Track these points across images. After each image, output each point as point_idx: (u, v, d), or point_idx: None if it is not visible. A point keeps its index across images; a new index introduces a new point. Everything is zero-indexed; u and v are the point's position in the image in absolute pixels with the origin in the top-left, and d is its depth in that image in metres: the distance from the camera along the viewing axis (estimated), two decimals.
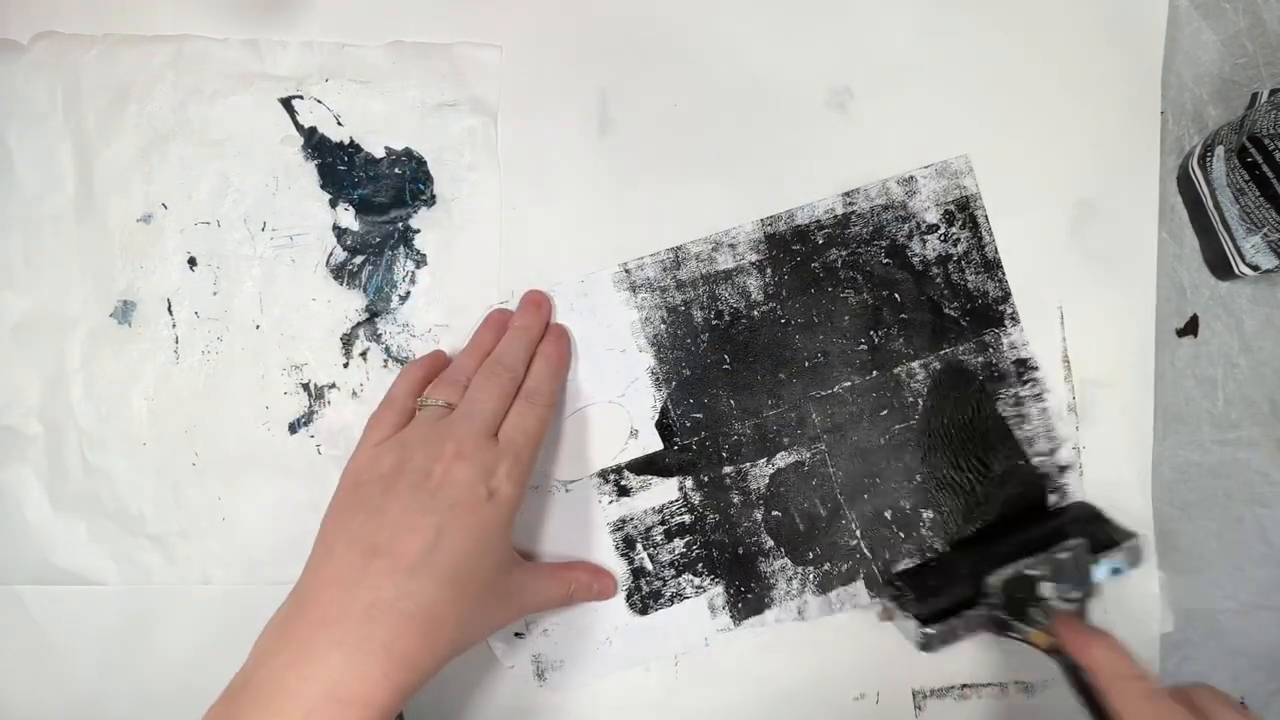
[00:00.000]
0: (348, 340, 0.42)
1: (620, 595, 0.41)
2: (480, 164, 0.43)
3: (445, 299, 0.42)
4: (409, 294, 0.43)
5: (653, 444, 0.42)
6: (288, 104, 0.43)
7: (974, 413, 0.42)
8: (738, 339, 0.42)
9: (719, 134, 0.43)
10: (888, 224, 0.42)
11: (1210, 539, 0.42)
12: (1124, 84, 0.43)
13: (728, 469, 0.42)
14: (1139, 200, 0.43)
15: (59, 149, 0.42)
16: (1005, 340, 0.42)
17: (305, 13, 0.43)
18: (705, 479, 0.42)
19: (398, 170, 0.43)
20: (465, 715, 0.42)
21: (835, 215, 0.42)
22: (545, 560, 0.42)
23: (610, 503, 0.42)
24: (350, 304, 0.42)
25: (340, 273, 0.42)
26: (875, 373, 0.42)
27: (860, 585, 0.42)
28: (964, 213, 0.42)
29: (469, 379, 0.38)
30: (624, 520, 0.41)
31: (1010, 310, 0.42)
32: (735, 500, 0.42)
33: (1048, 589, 0.37)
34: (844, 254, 0.42)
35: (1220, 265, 0.41)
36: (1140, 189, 0.43)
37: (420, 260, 0.43)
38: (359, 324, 0.42)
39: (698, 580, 0.41)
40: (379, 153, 0.43)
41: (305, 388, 0.42)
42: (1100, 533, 0.40)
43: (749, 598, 0.41)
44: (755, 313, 0.42)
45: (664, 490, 0.42)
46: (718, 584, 0.41)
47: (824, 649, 0.42)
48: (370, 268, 0.43)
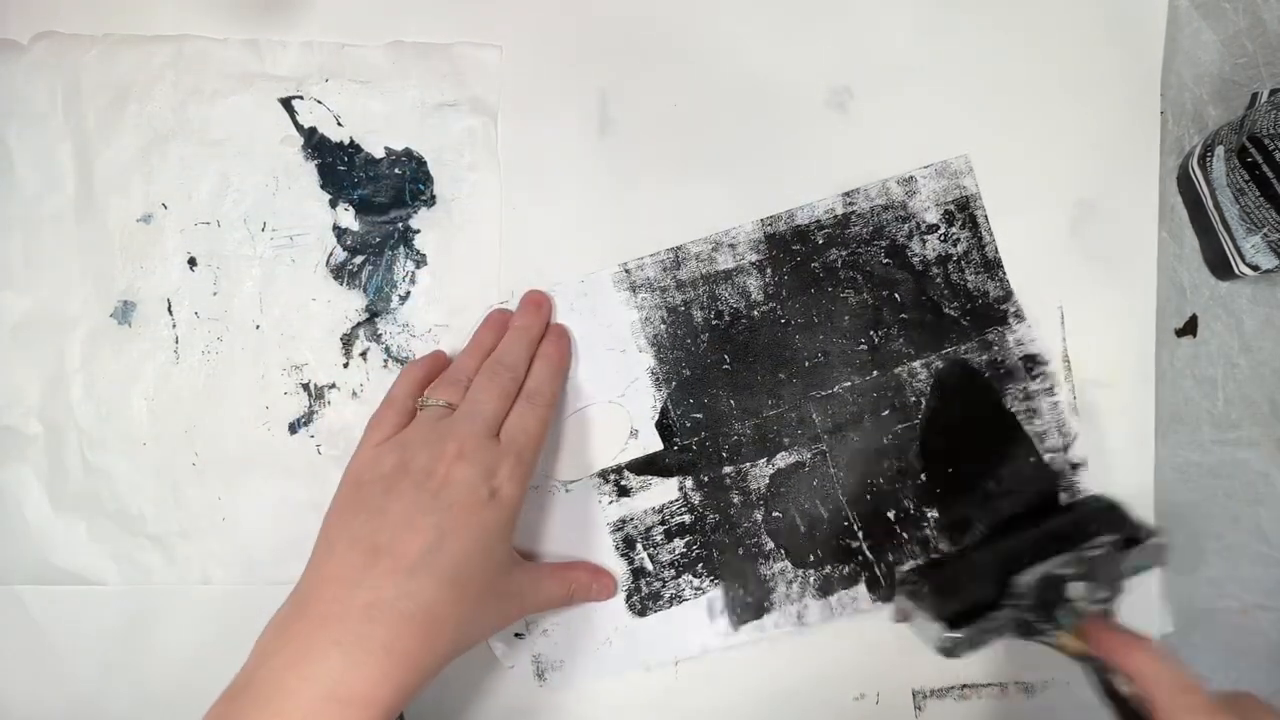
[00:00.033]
0: (348, 340, 0.42)
1: (620, 596, 0.41)
2: (480, 164, 0.43)
3: (445, 299, 0.42)
4: (409, 294, 0.43)
5: (653, 444, 0.42)
6: (288, 104, 0.43)
7: (982, 409, 0.41)
8: (738, 339, 0.42)
9: (719, 134, 0.43)
10: (888, 224, 0.42)
11: (1210, 539, 0.42)
12: (1124, 84, 0.43)
13: (728, 469, 0.42)
14: (1139, 200, 0.43)
15: (59, 149, 0.42)
16: (1011, 337, 0.42)
17: (305, 13, 0.43)
18: (705, 479, 0.42)
19: (398, 170, 0.43)
20: (465, 715, 0.42)
21: (835, 215, 0.42)
22: (546, 560, 0.42)
23: (610, 503, 0.42)
24: (350, 304, 0.42)
25: (340, 273, 0.42)
26: (876, 372, 0.42)
27: (862, 589, 0.41)
28: (964, 213, 0.42)
29: (470, 379, 0.38)
30: (624, 520, 0.41)
31: (1014, 309, 0.42)
32: (735, 501, 0.42)
33: (1077, 589, 0.35)
34: (844, 254, 0.42)
35: (1220, 265, 0.41)
36: (1140, 189, 0.43)
37: (420, 260, 0.43)
38: (359, 324, 0.42)
39: (697, 581, 0.41)
40: (379, 153, 0.43)
41: (305, 388, 0.42)
42: (1125, 529, 0.37)
43: (748, 601, 0.41)
44: (755, 313, 0.42)
45: (664, 490, 0.42)
46: (717, 585, 0.41)
47: (824, 649, 0.42)
48: (370, 268, 0.43)
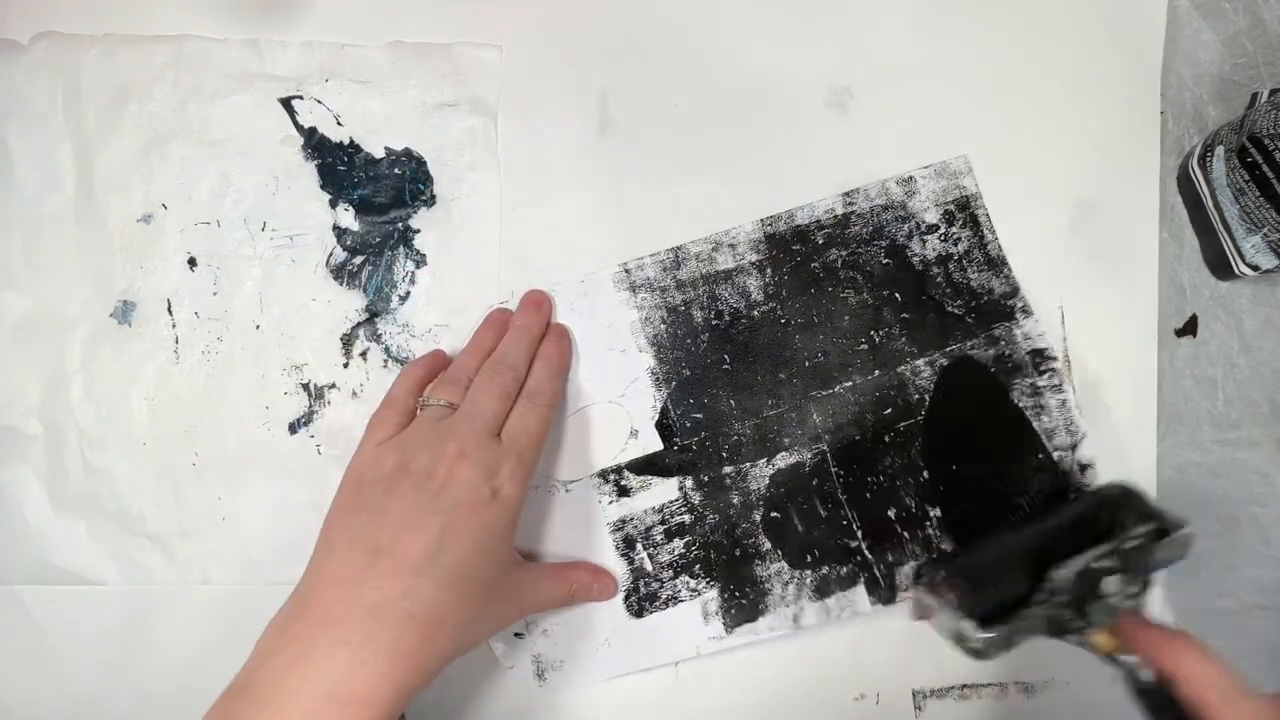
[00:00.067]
0: (348, 340, 0.42)
1: (620, 596, 0.41)
2: (480, 164, 0.43)
3: (445, 299, 0.42)
4: (409, 294, 0.43)
5: (653, 444, 0.42)
6: (288, 104, 0.43)
7: (988, 404, 0.41)
8: (738, 339, 0.42)
9: (719, 134, 0.43)
10: (887, 224, 0.42)
11: (1210, 539, 0.42)
12: (1124, 84, 0.43)
13: (728, 469, 0.42)
14: (1139, 200, 0.43)
15: (59, 149, 0.42)
16: (1019, 332, 0.42)
17: (305, 13, 0.43)
18: (705, 479, 0.42)
19: (398, 170, 0.43)
20: (465, 716, 0.42)
21: (835, 215, 0.42)
22: (546, 561, 0.42)
23: (610, 503, 0.42)
24: (350, 304, 0.42)
25: (340, 273, 0.42)
26: (877, 372, 0.42)
27: (861, 590, 0.41)
28: (964, 212, 0.42)
29: (470, 379, 0.38)
30: (624, 520, 0.41)
31: (1021, 304, 0.42)
32: (735, 501, 0.41)
33: (1112, 584, 0.32)
34: (844, 254, 0.42)
35: (1220, 265, 0.41)
36: (1140, 189, 0.43)
37: (420, 260, 0.43)
38: (359, 324, 0.42)
39: (694, 583, 0.41)
40: (379, 153, 0.43)
41: (305, 388, 0.42)
42: (1156, 518, 0.34)
43: (743, 604, 0.41)
44: (755, 313, 0.42)
45: (664, 490, 0.42)
46: (713, 587, 0.41)
47: (823, 650, 0.42)
48: (370, 268, 0.43)
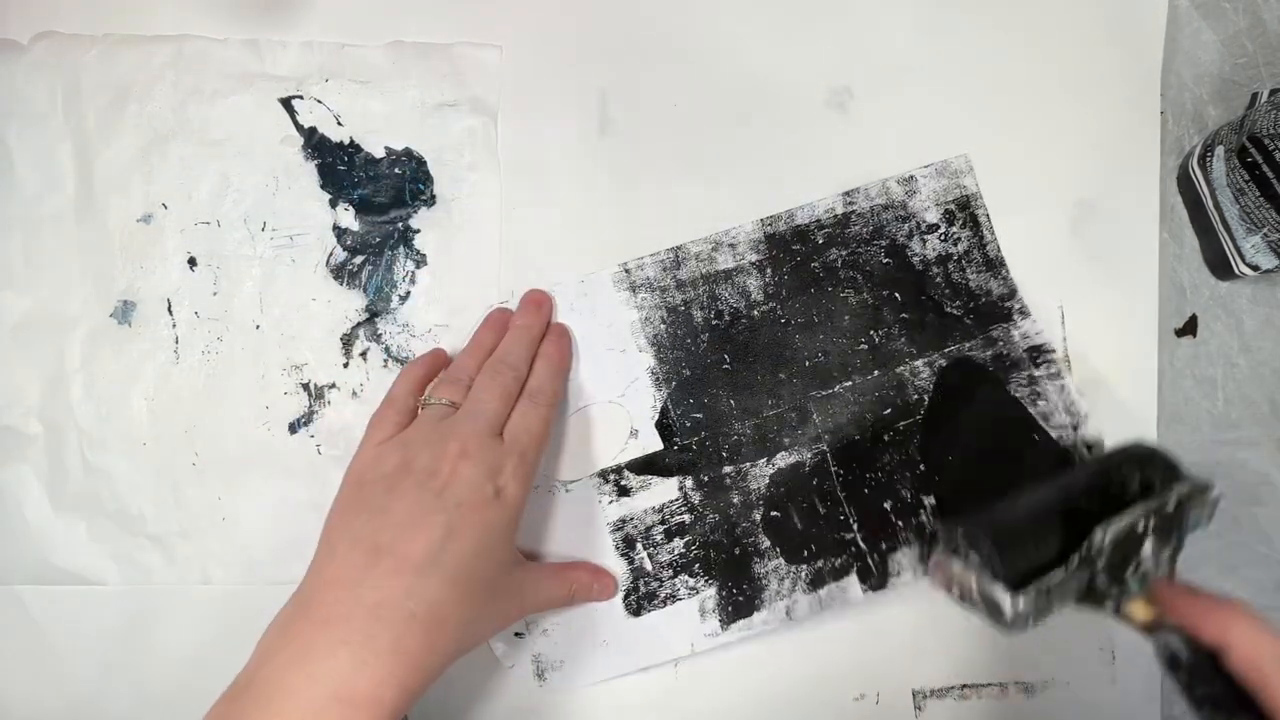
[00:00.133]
0: (348, 340, 0.42)
1: (619, 595, 0.41)
2: (480, 164, 0.43)
3: (445, 299, 0.42)
4: (409, 294, 0.43)
5: (653, 444, 0.42)
6: (288, 104, 0.43)
7: (987, 402, 0.41)
8: (738, 339, 0.42)
9: (719, 134, 0.43)
10: (888, 224, 0.42)
11: (1210, 539, 0.42)
12: (1124, 84, 0.43)
13: (728, 469, 0.42)
14: (1139, 200, 0.43)
15: (59, 149, 0.42)
16: (1016, 333, 0.42)
17: (305, 13, 0.43)
18: (705, 479, 0.42)
19: (398, 170, 0.43)
20: (466, 715, 0.42)
21: (835, 215, 0.42)
22: (547, 560, 0.42)
23: (610, 503, 0.42)
24: (350, 304, 0.42)
25: (340, 273, 0.42)
26: (877, 371, 0.42)
27: (853, 579, 0.41)
28: (964, 212, 0.42)
29: (471, 378, 0.38)
30: (624, 520, 0.41)
31: (1019, 305, 0.42)
32: (735, 500, 0.41)
33: (1149, 547, 0.29)
34: (844, 254, 0.42)
35: (1220, 265, 0.41)
36: (1140, 189, 0.43)
37: (420, 260, 0.43)
38: (359, 324, 0.42)
39: (692, 581, 0.41)
40: (379, 153, 0.43)
41: (305, 388, 0.42)
42: (1189, 479, 0.31)
43: (739, 600, 0.41)
44: (755, 312, 0.42)
45: (664, 490, 0.42)
46: (711, 585, 0.41)
47: (823, 649, 0.42)
48: (370, 268, 0.43)
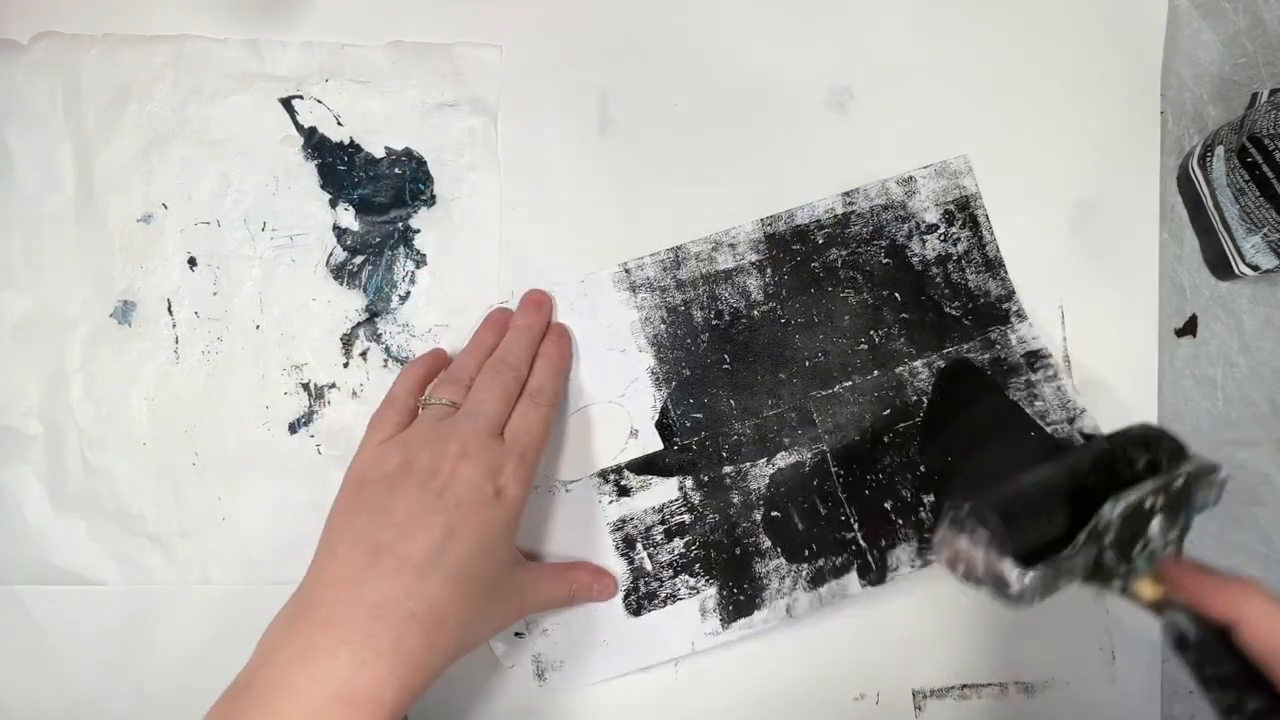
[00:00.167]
0: (348, 340, 0.42)
1: (619, 595, 0.41)
2: (480, 164, 0.43)
3: (445, 299, 0.42)
4: (409, 294, 0.43)
5: (653, 444, 0.42)
6: (288, 104, 0.43)
7: (985, 403, 0.41)
8: (738, 339, 0.42)
9: (719, 134, 0.43)
10: (887, 224, 0.42)
11: (1210, 539, 0.42)
12: (1124, 84, 0.43)
13: (728, 469, 0.42)
14: (1139, 200, 0.43)
15: (59, 149, 0.42)
16: (1013, 336, 0.42)
17: (305, 13, 0.43)
18: (705, 479, 0.42)
19: (398, 170, 0.43)
20: (466, 715, 0.42)
21: (835, 215, 0.42)
22: (547, 561, 0.42)
23: (610, 503, 0.42)
24: (350, 304, 0.42)
25: (340, 273, 0.42)
26: (876, 372, 0.42)
27: (853, 576, 0.41)
28: (964, 212, 0.42)
29: (471, 378, 0.38)
30: (624, 520, 0.41)
31: (1016, 307, 0.42)
32: (735, 500, 0.41)
33: (1157, 525, 0.29)
34: (844, 254, 0.42)
35: (1220, 265, 0.41)
36: (1140, 189, 0.43)
37: (420, 260, 0.43)
38: (359, 324, 0.42)
39: (693, 581, 0.41)
40: (379, 153, 0.43)
41: (305, 388, 0.42)
42: (1196, 458, 0.31)
43: (740, 600, 0.41)
44: (755, 312, 0.42)
45: (664, 490, 0.42)
46: (712, 585, 0.41)
47: (823, 649, 0.42)
48: (370, 268, 0.43)
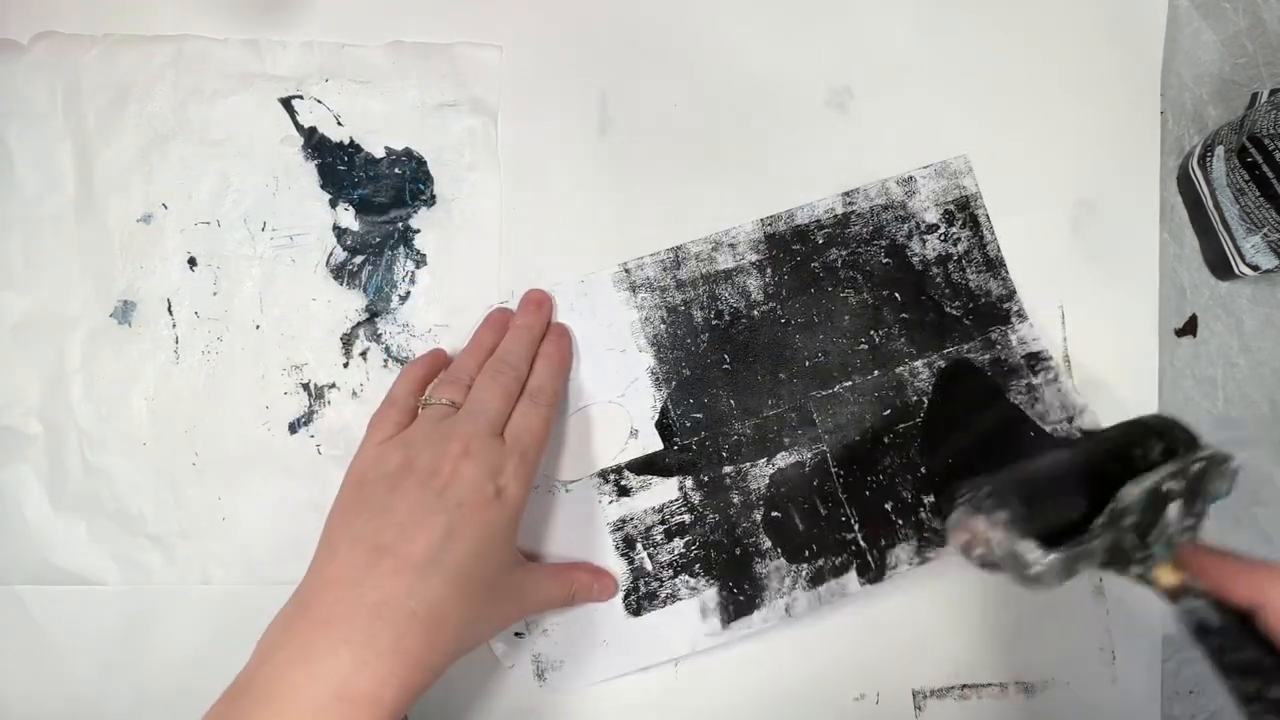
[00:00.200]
0: (348, 340, 0.42)
1: (620, 595, 0.41)
2: (480, 164, 0.43)
3: (445, 299, 0.42)
4: (409, 294, 0.43)
5: (653, 444, 0.42)
6: (288, 104, 0.43)
7: (985, 404, 0.41)
8: (738, 339, 0.42)
9: (719, 134, 0.43)
10: (887, 224, 0.42)
11: (1210, 539, 0.42)
12: (1124, 84, 0.43)
13: (728, 469, 0.42)
14: (1139, 200, 0.43)
15: (59, 149, 0.42)
16: (1014, 336, 0.42)
17: (305, 13, 0.43)
18: (705, 479, 0.42)
19: (398, 170, 0.43)
20: (466, 716, 0.42)
21: (835, 215, 0.42)
22: (547, 561, 0.42)
23: (610, 503, 0.42)
24: (350, 304, 0.42)
25: (340, 273, 0.42)
26: (877, 372, 0.42)
27: (851, 575, 0.41)
28: (964, 212, 0.42)
29: (471, 378, 0.38)
30: (624, 520, 0.41)
31: (1017, 308, 0.42)
32: (735, 500, 0.41)
33: (1175, 510, 0.29)
34: (844, 254, 0.42)
35: (1220, 265, 0.41)
36: (1140, 189, 0.43)
37: (420, 260, 0.43)
38: (359, 324, 0.42)
39: (693, 581, 0.41)
40: (379, 153, 0.43)
41: (305, 388, 0.42)
42: (1208, 447, 0.30)
43: (740, 600, 0.41)
44: (755, 312, 0.42)
45: (664, 490, 0.42)
46: (712, 585, 0.41)
47: (823, 649, 0.42)
48: (370, 268, 0.43)
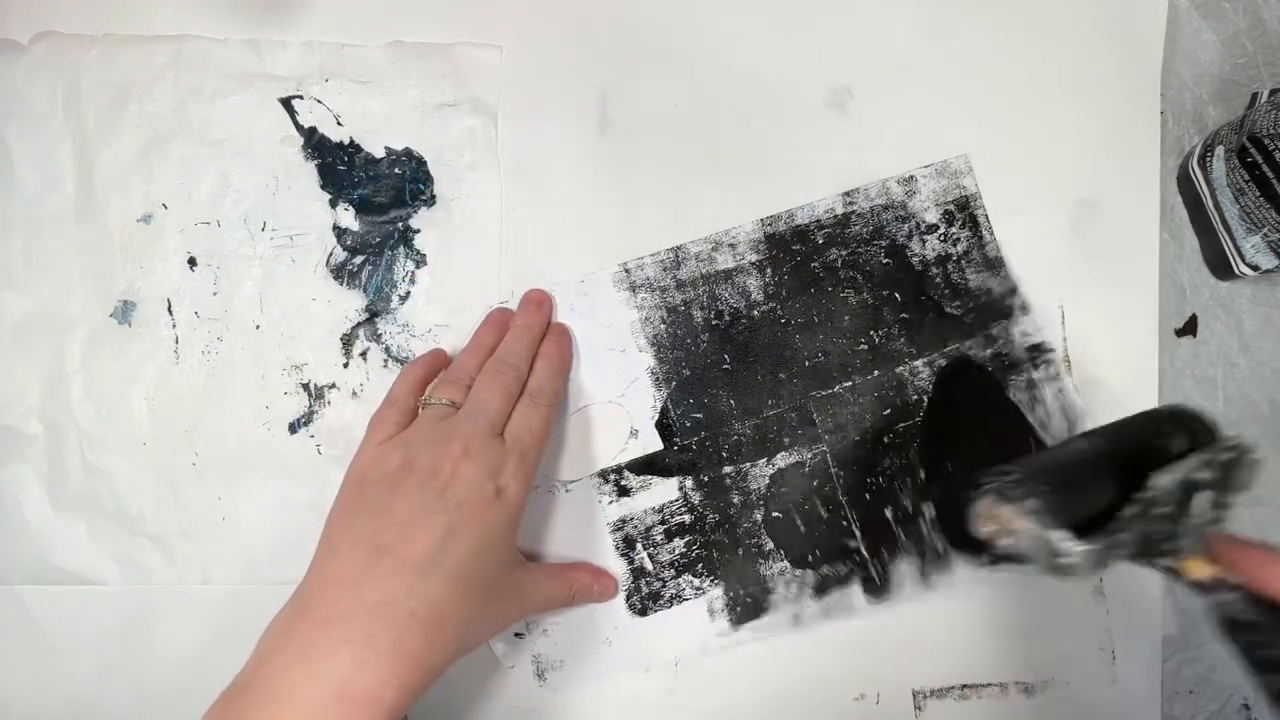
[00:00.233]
0: (348, 340, 0.42)
1: (620, 596, 0.41)
2: (480, 164, 0.43)
3: (445, 299, 0.42)
4: (409, 294, 0.43)
5: (653, 444, 0.42)
6: (288, 104, 0.43)
7: (985, 404, 0.41)
8: (738, 339, 0.42)
9: (719, 134, 0.43)
10: (887, 224, 0.42)
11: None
12: (1124, 84, 0.43)
13: (728, 469, 0.42)
14: (1139, 200, 0.43)
15: (59, 149, 0.42)
16: (1016, 329, 0.42)
17: (305, 13, 0.43)
18: (705, 479, 0.42)
19: (398, 170, 0.43)
20: (466, 715, 0.42)
21: (835, 215, 0.42)
22: (547, 561, 0.42)
23: (610, 503, 0.42)
24: (350, 304, 0.42)
25: (340, 273, 0.42)
26: (877, 372, 0.42)
27: (856, 590, 0.41)
28: (964, 212, 0.42)
29: (471, 378, 0.38)
30: (624, 520, 0.41)
31: (1020, 301, 0.42)
32: (735, 501, 0.42)
33: (1203, 501, 0.28)
34: (844, 254, 0.42)
35: (1220, 265, 0.41)
36: (1140, 189, 0.43)
37: (420, 260, 0.43)
38: (359, 324, 0.42)
39: (697, 581, 0.41)
40: (379, 153, 0.43)
41: (305, 388, 0.42)
42: (1230, 438, 0.30)
43: (748, 602, 0.41)
44: (755, 312, 0.42)
45: (664, 490, 0.42)
46: (717, 585, 0.41)
47: (823, 649, 0.42)
48: (370, 268, 0.43)
